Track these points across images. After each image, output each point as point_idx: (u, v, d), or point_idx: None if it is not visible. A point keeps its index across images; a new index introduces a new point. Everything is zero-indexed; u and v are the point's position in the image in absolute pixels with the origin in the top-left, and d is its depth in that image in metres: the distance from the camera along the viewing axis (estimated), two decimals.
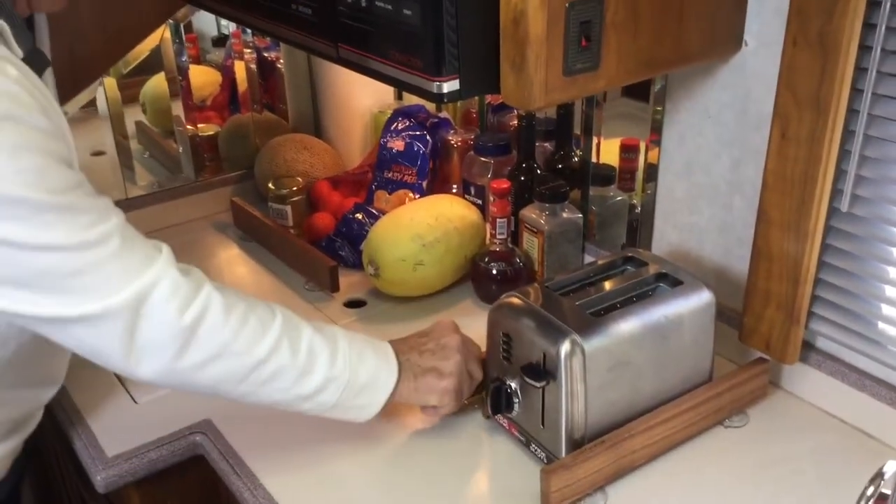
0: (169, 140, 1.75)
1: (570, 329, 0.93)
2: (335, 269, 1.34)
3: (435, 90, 0.87)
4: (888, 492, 0.79)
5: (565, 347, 0.92)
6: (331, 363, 0.92)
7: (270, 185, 1.52)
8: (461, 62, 0.86)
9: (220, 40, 2.02)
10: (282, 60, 1.78)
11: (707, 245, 1.17)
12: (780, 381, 1.12)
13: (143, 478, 1.04)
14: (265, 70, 1.80)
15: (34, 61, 0.85)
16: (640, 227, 1.26)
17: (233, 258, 1.54)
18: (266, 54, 1.80)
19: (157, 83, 1.74)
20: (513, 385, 1.00)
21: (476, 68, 0.87)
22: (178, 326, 0.83)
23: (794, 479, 0.97)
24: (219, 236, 1.58)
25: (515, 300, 0.99)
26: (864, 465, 0.98)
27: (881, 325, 0.99)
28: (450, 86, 0.87)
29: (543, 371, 0.94)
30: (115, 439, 1.06)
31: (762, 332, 1.07)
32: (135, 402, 1.13)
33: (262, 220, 1.52)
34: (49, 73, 0.98)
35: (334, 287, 1.35)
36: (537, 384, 0.94)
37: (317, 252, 1.40)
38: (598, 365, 0.93)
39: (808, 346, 1.08)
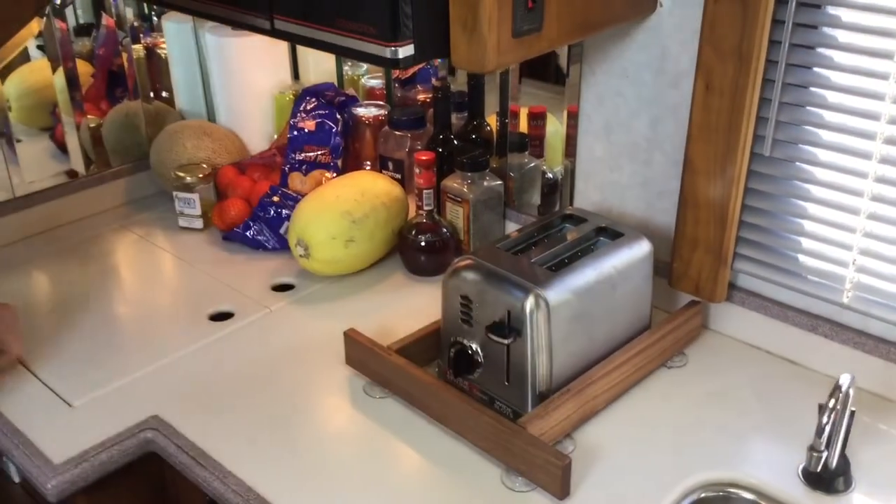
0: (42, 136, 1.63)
1: (532, 284, 0.95)
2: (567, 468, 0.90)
3: (390, 55, 0.87)
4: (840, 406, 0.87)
5: (530, 302, 0.94)
6: None
7: (175, 173, 1.46)
8: (415, 26, 0.86)
9: (84, 29, 1.91)
10: (163, 45, 1.71)
11: (629, 201, 1.23)
12: (707, 322, 1.20)
13: (93, 482, 0.99)
14: (147, 56, 1.72)
15: None
16: (561, 189, 1.31)
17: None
18: (145, 40, 1.72)
19: (21, 78, 1.63)
20: (474, 346, 1.01)
21: (429, 33, 0.88)
22: None
23: (739, 406, 1.05)
24: (120, 233, 1.50)
25: (472, 263, 1.01)
26: (795, 388, 1.08)
27: (801, 257, 1.08)
28: (405, 51, 0.87)
29: (509, 328, 0.96)
30: (58, 445, 1.00)
31: (691, 275, 1.14)
32: (69, 405, 1.07)
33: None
34: None
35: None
36: (504, 341, 0.96)
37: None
38: (561, 317, 0.97)
39: (731, 286, 1.16)
